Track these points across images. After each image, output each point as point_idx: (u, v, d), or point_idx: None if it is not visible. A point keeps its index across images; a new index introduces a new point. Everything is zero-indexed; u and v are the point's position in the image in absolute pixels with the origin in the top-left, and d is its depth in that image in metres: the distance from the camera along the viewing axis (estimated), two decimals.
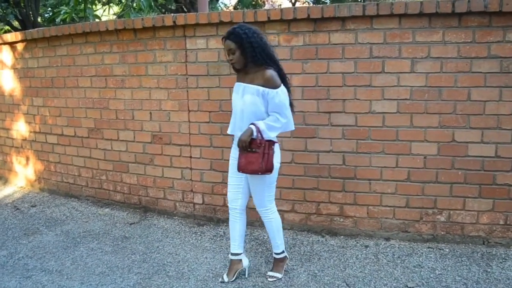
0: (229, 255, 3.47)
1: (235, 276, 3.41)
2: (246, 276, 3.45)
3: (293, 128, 3.24)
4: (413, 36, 3.65)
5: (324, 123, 3.99)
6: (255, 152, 3.05)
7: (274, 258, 3.47)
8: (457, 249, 3.79)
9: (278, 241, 3.40)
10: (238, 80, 3.22)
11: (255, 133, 3.03)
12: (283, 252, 3.45)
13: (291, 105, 3.18)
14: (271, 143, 3.08)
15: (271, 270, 3.45)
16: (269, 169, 3.08)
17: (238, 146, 3.10)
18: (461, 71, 3.62)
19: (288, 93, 3.14)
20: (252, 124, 3.04)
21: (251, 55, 3.02)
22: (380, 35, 3.71)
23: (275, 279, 3.38)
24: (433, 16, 3.58)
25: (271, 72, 3.01)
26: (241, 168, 3.12)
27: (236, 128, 3.21)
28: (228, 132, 3.33)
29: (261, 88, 3.02)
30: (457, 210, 3.83)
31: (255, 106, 3.06)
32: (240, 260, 3.44)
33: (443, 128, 3.73)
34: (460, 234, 3.86)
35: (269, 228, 3.40)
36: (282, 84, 3.07)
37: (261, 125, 3.03)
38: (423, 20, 3.61)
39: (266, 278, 3.40)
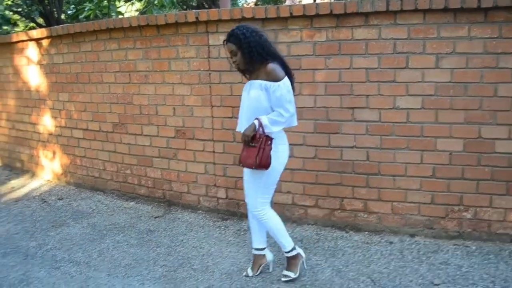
0: (252, 250, 3.49)
1: (259, 270, 3.43)
2: (271, 270, 3.46)
3: (296, 124, 3.24)
4: (437, 31, 3.59)
5: (347, 119, 3.97)
6: (254, 147, 3.04)
7: (286, 257, 3.38)
8: (484, 246, 3.74)
9: (282, 240, 3.31)
10: (248, 79, 3.21)
11: (257, 127, 3.02)
12: (292, 250, 3.34)
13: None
14: (268, 138, 3.03)
15: (285, 269, 3.39)
16: (263, 165, 3.03)
17: (241, 140, 3.14)
18: (488, 67, 3.55)
19: (292, 89, 3.12)
20: (256, 118, 3.04)
21: (250, 54, 3.01)
22: (404, 30, 3.66)
23: (288, 278, 3.30)
24: (458, 11, 3.51)
25: (272, 65, 3.00)
26: (240, 162, 3.16)
27: (241, 125, 3.21)
28: (237, 130, 3.30)
29: (263, 82, 3.02)
30: (484, 207, 3.77)
31: (259, 102, 3.05)
32: (264, 255, 3.45)
33: (469, 124, 3.67)
34: (487, 232, 3.81)
35: (268, 228, 3.31)
36: (285, 78, 3.03)
37: (264, 119, 3.02)
38: (448, 15, 3.54)
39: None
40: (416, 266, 3.48)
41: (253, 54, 3.01)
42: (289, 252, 3.33)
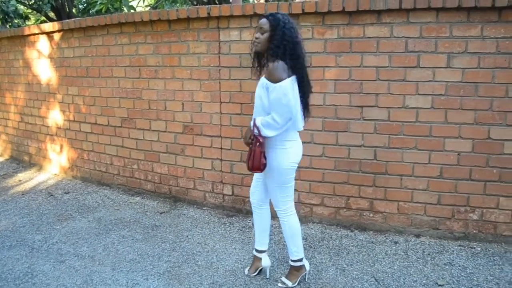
0: (253, 249, 3.47)
1: (256, 272, 3.38)
2: (268, 276, 3.36)
3: (301, 129, 3.08)
4: (450, 30, 3.58)
5: (356, 117, 3.96)
6: (250, 149, 2.98)
7: (290, 265, 3.25)
8: (490, 248, 3.73)
9: (293, 248, 3.17)
10: (259, 75, 3.08)
11: (251, 128, 2.95)
12: (300, 260, 3.21)
13: (306, 107, 3.03)
14: (257, 139, 2.90)
15: (285, 276, 3.27)
16: (256, 167, 2.94)
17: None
18: (499, 67, 3.54)
19: (304, 97, 2.96)
20: (254, 119, 2.95)
21: (276, 42, 2.80)
22: (416, 29, 3.65)
23: (284, 286, 3.20)
24: (472, 10, 3.50)
25: (276, 64, 2.79)
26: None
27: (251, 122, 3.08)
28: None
29: (265, 81, 2.86)
30: (491, 209, 3.76)
31: (260, 100, 2.93)
32: (260, 258, 3.37)
33: (479, 125, 3.66)
34: (492, 233, 3.79)
35: (284, 231, 3.19)
36: (286, 80, 2.78)
37: (258, 120, 2.90)
38: (461, 14, 3.53)
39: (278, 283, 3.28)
40: (421, 266, 3.46)
41: (279, 45, 2.80)
42: (295, 261, 3.21)
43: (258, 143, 2.91)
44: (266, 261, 3.37)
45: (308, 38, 3.96)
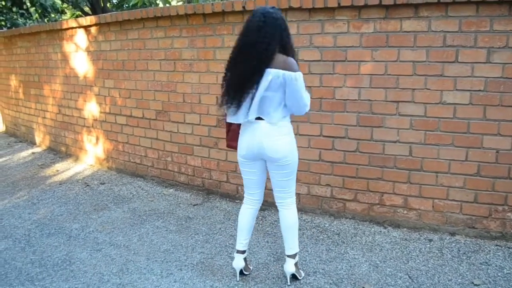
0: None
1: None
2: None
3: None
4: (490, 24, 3.49)
5: (391, 113, 3.91)
6: None
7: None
8: None
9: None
10: None
11: None
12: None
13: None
14: None
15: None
16: None
17: None
18: None
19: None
20: None
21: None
22: (455, 23, 3.57)
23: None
24: None
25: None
26: None
27: None
28: None
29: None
30: None
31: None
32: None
33: None
34: None
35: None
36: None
37: None
38: (503, 8, 3.43)
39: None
40: (456, 265, 3.41)
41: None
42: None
43: None
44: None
45: (343, 32, 3.92)
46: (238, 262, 3.24)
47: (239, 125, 3.06)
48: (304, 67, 4.13)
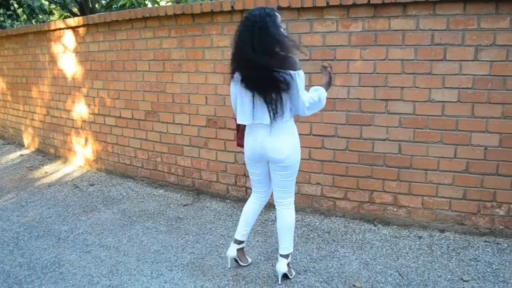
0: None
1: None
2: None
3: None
4: (478, 22, 3.52)
5: (380, 111, 3.93)
6: None
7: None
8: None
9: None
10: None
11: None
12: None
13: None
14: None
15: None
16: None
17: None
18: None
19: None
20: None
21: None
22: (443, 21, 3.60)
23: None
24: (501, 2, 3.43)
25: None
26: None
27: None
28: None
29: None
30: None
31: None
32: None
33: (506, 118, 3.59)
34: None
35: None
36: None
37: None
38: (490, 6, 3.46)
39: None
40: (445, 262, 3.43)
41: None
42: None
43: None
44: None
45: (332, 31, 3.94)
46: (231, 250, 3.35)
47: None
48: None
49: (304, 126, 4.20)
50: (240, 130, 3.20)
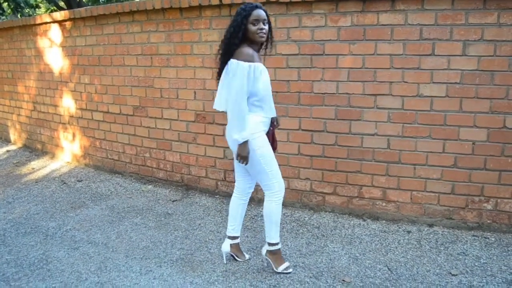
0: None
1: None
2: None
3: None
4: (466, 17, 3.52)
5: (369, 106, 3.93)
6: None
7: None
8: (504, 238, 3.69)
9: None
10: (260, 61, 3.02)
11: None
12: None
13: None
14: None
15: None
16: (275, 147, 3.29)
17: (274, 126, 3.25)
18: None
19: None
20: None
21: (271, 34, 3.03)
22: (431, 16, 3.60)
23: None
24: None
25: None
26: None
27: (274, 110, 3.14)
28: (271, 115, 3.12)
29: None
30: (505, 199, 3.72)
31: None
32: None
33: (494, 113, 3.61)
34: (507, 223, 3.76)
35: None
36: None
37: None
38: (478, 1, 3.46)
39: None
40: (434, 256, 3.45)
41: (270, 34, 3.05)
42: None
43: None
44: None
45: (321, 25, 3.92)
46: (224, 246, 3.40)
47: None
48: (282, 61, 4.12)
49: (293, 121, 4.20)
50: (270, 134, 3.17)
